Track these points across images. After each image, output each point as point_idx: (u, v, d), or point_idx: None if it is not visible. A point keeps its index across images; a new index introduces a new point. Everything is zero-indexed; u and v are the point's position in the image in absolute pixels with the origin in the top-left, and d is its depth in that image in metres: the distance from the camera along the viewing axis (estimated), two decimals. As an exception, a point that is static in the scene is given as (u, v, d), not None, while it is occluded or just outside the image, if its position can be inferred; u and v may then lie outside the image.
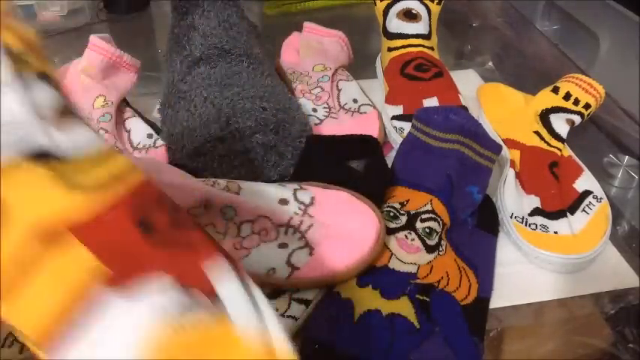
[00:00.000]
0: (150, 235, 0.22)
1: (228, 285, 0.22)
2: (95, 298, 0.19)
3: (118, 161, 0.23)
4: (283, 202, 0.42)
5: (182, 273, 0.21)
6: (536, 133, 0.56)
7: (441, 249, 0.44)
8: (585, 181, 0.52)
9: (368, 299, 0.40)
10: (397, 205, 0.46)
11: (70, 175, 0.21)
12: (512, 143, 0.55)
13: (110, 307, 0.19)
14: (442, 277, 0.43)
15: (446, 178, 0.47)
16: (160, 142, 0.54)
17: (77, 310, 0.19)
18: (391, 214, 0.46)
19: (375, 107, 0.61)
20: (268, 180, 0.48)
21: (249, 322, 0.21)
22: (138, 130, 0.55)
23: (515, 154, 0.54)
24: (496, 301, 0.44)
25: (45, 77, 0.23)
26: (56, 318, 0.19)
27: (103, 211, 0.21)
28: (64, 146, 0.21)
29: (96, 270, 0.20)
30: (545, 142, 0.55)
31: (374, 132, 0.57)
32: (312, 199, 0.43)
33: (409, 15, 0.65)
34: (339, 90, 0.63)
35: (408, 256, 0.43)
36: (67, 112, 0.23)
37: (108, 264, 0.20)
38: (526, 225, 0.48)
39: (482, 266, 0.46)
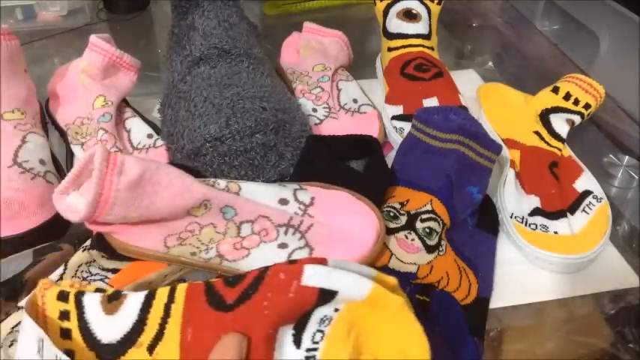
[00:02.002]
0: None
1: None
2: None
3: None
4: (283, 202, 0.42)
5: None
6: (536, 133, 0.56)
7: (441, 249, 0.44)
8: (585, 181, 0.52)
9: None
10: (397, 205, 0.46)
11: None
12: (512, 143, 0.55)
13: None
14: (442, 277, 0.43)
15: (446, 178, 0.47)
16: (159, 142, 0.54)
17: None
18: (391, 214, 0.46)
19: (375, 107, 0.61)
20: (268, 180, 0.48)
21: None
22: (138, 130, 0.55)
23: (515, 154, 0.54)
24: (496, 301, 0.44)
25: None
26: None
27: None
28: None
29: None
30: (545, 142, 0.55)
31: (374, 132, 0.57)
32: (312, 199, 0.43)
33: (409, 15, 0.65)
34: (339, 90, 0.63)
35: (408, 256, 0.43)
36: None
37: None
38: (526, 225, 0.48)
39: (483, 266, 0.46)
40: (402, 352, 0.26)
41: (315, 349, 0.27)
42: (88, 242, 0.41)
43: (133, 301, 0.30)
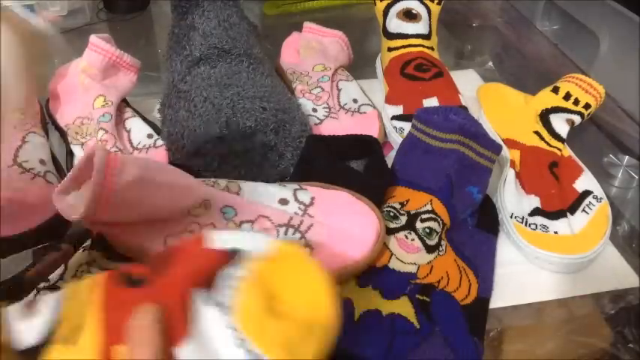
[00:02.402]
0: None
1: None
2: None
3: None
4: (283, 202, 0.42)
5: None
6: (536, 133, 0.56)
7: (441, 249, 0.44)
8: (585, 181, 0.52)
9: (368, 299, 0.40)
10: (397, 205, 0.46)
11: None
12: (512, 143, 0.55)
13: None
14: (442, 277, 0.43)
15: (446, 178, 0.47)
16: (159, 142, 0.54)
17: None
18: (391, 214, 0.46)
19: (375, 107, 0.61)
20: (268, 180, 0.48)
21: None
22: (138, 130, 0.55)
23: (515, 154, 0.54)
24: (496, 301, 0.44)
25: None
26: None
27: None
28: None
29: None
30: (545, 142, 0.55)
31: (374, 132, 0.57)
32: (312, 199, 0.43)
33: (409, 15, 0.65)
34: (339, 90, 0.63)
35: (408, 256, 0.43)
36: None
37: None
38: (526, 225, 0.48)
39: (483, 266, 0.46)
40: (311, 304, 0.28)
41: (225, 304, 0.28)
42: (88, 242, 0.41)
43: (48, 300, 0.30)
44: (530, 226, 0.48)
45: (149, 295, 0.28)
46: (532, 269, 0.47)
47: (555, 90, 0.58)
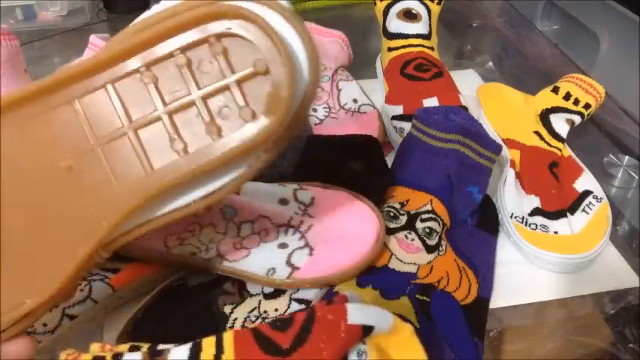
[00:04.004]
0: None
1: None
2: None
3: None
4: (283, 202, 0.42)
5: None
6: (536, 133, 0.56)
7: (441, 249, 0.44)
8: (585, 181, 0.52)
9: (368, 299, 0.40)
10: (397, 205, 0.46)
11: None
12: (512, 143, 0.55)
13: None
14: (442, 277, 0.43)
15: (446, 178, 0.47)
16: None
17: None
18: (391, 214, 0.46)
19: (375, 107, 0.61)
20: (268, 180, 0.48)
21: None
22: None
23: (515, 154, 0.54)
24: (496, 301, 0.44)
25: None
26: None
27: None
28: None
29: None
30: (545, 142, 0.55)
31: (374, 132, 0.57)
32: (312, 199, 0.43)
33: (409, 15, 0.65)
34: (339, 90, 0.62)
35: (408, 256, 0.43)
36: None
37: None
38: (526, 225, 0.48)
39: (483, 266, 0.46)
40: None
41: None
42: (88, 242, 0.41)
43: (178, 357, 0.29)
44: (530, 226, 0.48)
45: None
46: (532, 269, 0.47)
47: (555, 90, 0.58)
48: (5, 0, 0.80)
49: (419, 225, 0.45)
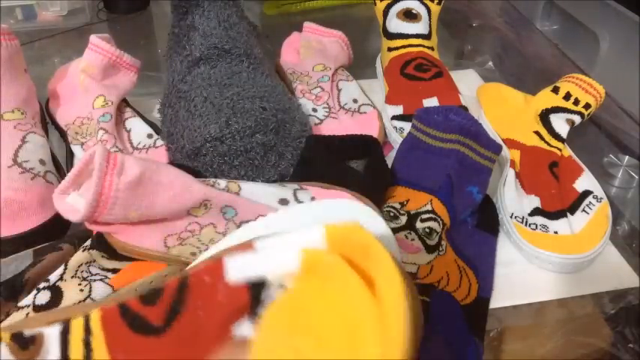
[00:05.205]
0: None
1: None
2: None
3: None
4: (283, 202, 0.42)
5: None
6: (536, 133, 0.56)
7: (441, 249, 0.44)
8: (585, 181, 0.52)
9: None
10: (397, 205, 0.46)
11: None
12: (512, 143, 0.55)
13: None
14: (442, 277, 0.43)
15: (446, 178, 0.47)
16: (159, 142, 0.54)
17: None
18: (391, 214, 0.46)
19: (375, 107, 0.61)
20: (268, 180, 0.48)
21: None
22: (138, 130, 0.55)
23: (515, 154, 0.54)
24: (496, 301, 0.44)
25: None
26: None
27: None
28: None
29: None
30: (545, 142, 0.55)
31: (374, 132, 0.57)
32: (312, 199, 0.43)
33: (409, 15, 0.65)
34: (339, 90, 0.63)
35: (408, 256, 0.43)
36: None
37: None
38: (526, 225, 0.48)
39: (483, 266, 0.46)
40: (350, 327, 0.22)
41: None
42: (88, 242, 0.41)
43: (50, 343, 0.25)
44: (530, 226, 0.48)
45: (171, 345, 0.24)
46: (532, 269, 0.47)
47: (555, 90, 0.58)
48: (5, 0, 0.80)
49: (419, 225, 0.45)
